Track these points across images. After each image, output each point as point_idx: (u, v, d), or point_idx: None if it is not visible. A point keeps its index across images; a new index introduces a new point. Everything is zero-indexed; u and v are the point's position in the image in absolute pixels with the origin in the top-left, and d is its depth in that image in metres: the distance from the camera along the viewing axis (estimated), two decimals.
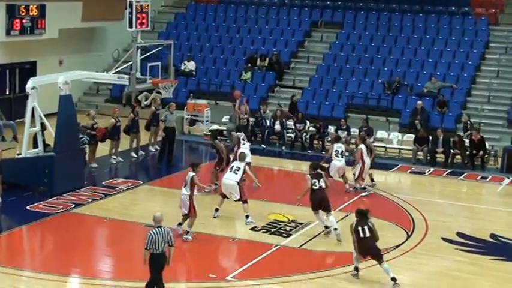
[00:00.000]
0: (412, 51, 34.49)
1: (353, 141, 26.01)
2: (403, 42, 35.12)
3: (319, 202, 18.86)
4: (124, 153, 26.53)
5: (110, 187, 22.78)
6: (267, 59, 35.15)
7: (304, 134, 29.82)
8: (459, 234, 19.69)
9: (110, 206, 21.06)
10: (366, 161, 23.18)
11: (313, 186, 18.87)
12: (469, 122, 29.00)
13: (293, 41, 36.70)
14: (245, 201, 19.88)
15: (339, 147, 23.57)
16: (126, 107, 31.42)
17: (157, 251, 13.78)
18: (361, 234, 15.86)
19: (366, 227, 15.89)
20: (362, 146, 23.38)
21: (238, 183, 19.72)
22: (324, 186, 18.96)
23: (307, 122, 30.19)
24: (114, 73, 24.14)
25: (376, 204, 22.59)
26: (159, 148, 27.14)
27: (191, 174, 18.26)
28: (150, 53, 25.06)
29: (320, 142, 29.52)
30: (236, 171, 19.89)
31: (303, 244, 18.46)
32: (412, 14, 36.37)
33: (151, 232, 13.90)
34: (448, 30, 35.28)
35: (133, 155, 27.07)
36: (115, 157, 26.24)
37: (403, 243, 18.78)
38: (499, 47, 34.44)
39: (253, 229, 19.35)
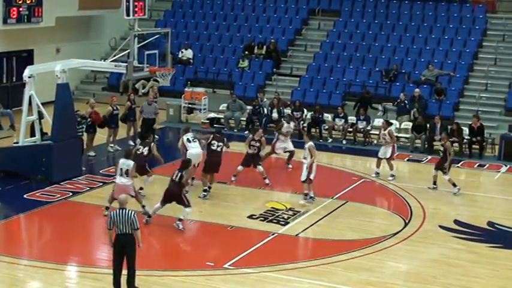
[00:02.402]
0: (410, 39, 34.45)
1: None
2: (400, 30, 35.07)
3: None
4: (122, 142, 26.48)
5: (108, 175, 22.76)
6: (265, 47, 35.12)
7: (302, 122, 29.82)
8: (456, 222, 19.73)
9: (108, 194, 21.06)
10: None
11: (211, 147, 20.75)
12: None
13: (290, 29, 36.65)
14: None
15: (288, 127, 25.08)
16: (124, 95, 31.41)
17: (120, 233, 14.04)
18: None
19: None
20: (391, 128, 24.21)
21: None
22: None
23: (305, 110, 30.17)
24: (112, 61, 24.11)
25: (374, 192, 22.68)
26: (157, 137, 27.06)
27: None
28: (147, 41, 25.04)
29: (317, 130, 29.50)
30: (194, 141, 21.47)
31: (300, 232, 18.49)
32: (410, 2, 36.29)
33: (111, 213, 14.43)
34: (445, 17, 35.22)
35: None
36: (112, 145, 26.19)
37: (400, 231, 18.80)
38: (496, 34, 34.41)
39: (250, 217, 19.37)
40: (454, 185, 22.24)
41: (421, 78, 31.93)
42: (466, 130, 27.93)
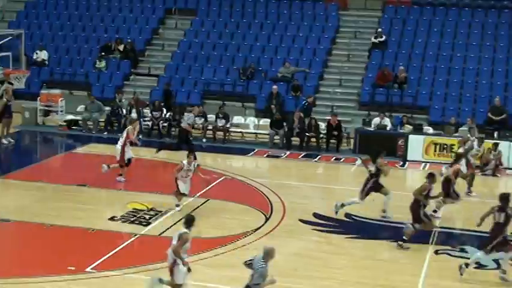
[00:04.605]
0: (266, 37, 34.96)
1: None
2: (256, 28, 35.53)
3: None
4: None
5: None
6: (122, 46, 34.76)
7: (162, 121, 29.76)
8: (315, 215, 20.19)
9: None
10: None
11: None
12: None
13: (147, 29, 36.48)
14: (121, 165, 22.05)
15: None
16: None
17: None
18: None
19: None
20: None
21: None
22: None
23: (164, 110, 30.11)
24: None
25: (235, 189, 22.89)
26: (12, 140, 26.40)
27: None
28: (0, 43, 24.36)
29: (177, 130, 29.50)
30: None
31: (163, 232, 18.46)
32: (265, 1, 36.79)
33: None
34: (299, 15, 35.93)
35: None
36: None
37: (261, 226, 19.07)
38: (348, 31, 35.39)
39: (112, 219, 19.19)
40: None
41: (277, 76, 32.47)
42: (322, 125, 28.67)
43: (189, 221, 13.90)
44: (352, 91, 32.48)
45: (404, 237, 17.86)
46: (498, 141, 27.01)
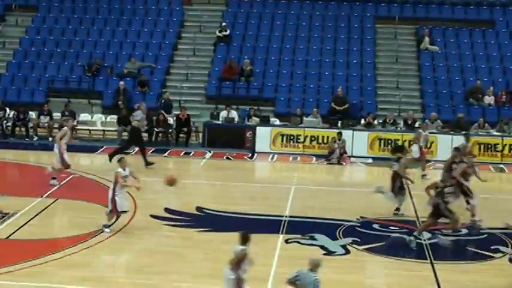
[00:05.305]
0: (110, 32, 34.63)
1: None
2: (100, 24, 35.13)
3: None
4: None
5: None
6: None
7: (5, 121, 28.96)
8: (167, 210, 20.21)
9: None
10: None
11: None
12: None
13: None
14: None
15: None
16: None
17: None
18: None
19: None
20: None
21: None
22: None
23: (7, 109, 29.32)
24: None
25: (84, 187, 22.58)
26: None
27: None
28: None
29: (24, 129, 28.83)
30: None
31: (11, 234, 17.99)
32: None
33: None
34: (143, 11, 35.80)
35: None
36: None
37: (112, 224, 18.89)
38: (193, 25, 35.57)
39: None
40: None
41: (124, 71, 32.24)
42: (171, 120, 28.72)
43: (246, 238, 13.07)
44: (199, 85, 32.68)
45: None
46: (342, 130, 27.92)
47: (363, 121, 29.53)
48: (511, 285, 15.44)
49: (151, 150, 27.23)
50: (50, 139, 28.44)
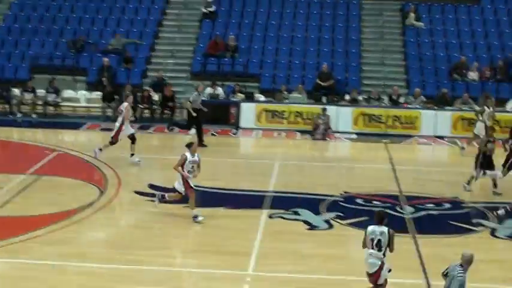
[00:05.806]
0: (95, 9, 34.39)
1: None
2: (84, 0, 34.78)
3: None
4: None
5: None
6: None
7: None
8: (151, 186, 20.20)
9: None
10: None
11: None
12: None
13: None
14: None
15: None
16: None
17: None
18: None
19: None
20: None
21: None
22: None
23: None
24: None
25: (68, 164, 22.56)
26: None
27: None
28: None
29: (7, 106, 28.76)
30: None
31: None
32: None
33: None
34: None
35: None
36: None
37: (96, 200, 18.91)
38: (178, 1, 35.36)
39: None
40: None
41: (108, 48, 32.09)
42: (156, 96, 28.68)
43: (382, 218, 12.66)
44: (184, 61, 32.58)
45: None
46: (326, 106, 27.96)
47: (347, 97, 29.53)
48: (492, 258, 15.59)
49: (136, 127, 27.14)
50: (34, 116, 28.38)
